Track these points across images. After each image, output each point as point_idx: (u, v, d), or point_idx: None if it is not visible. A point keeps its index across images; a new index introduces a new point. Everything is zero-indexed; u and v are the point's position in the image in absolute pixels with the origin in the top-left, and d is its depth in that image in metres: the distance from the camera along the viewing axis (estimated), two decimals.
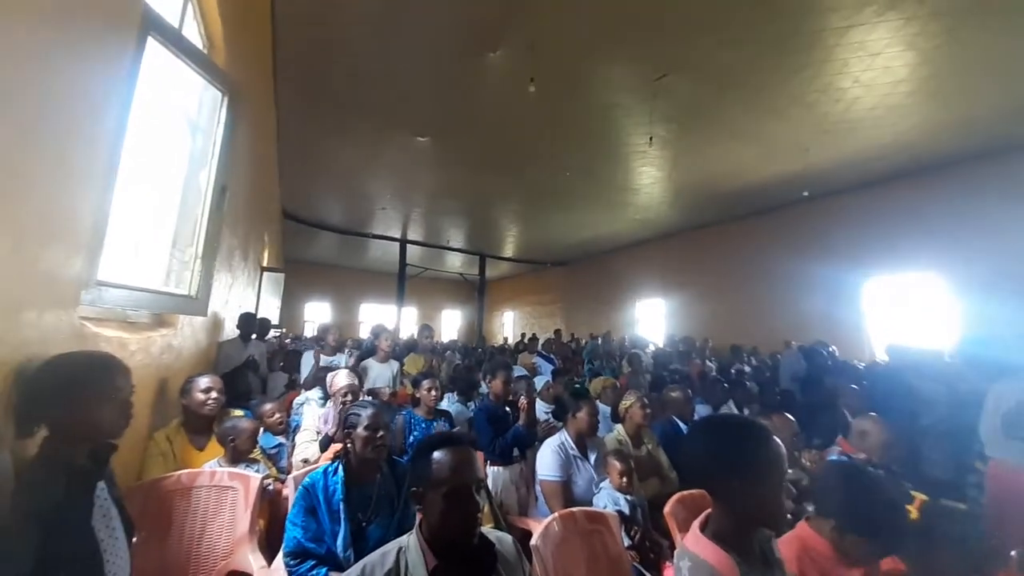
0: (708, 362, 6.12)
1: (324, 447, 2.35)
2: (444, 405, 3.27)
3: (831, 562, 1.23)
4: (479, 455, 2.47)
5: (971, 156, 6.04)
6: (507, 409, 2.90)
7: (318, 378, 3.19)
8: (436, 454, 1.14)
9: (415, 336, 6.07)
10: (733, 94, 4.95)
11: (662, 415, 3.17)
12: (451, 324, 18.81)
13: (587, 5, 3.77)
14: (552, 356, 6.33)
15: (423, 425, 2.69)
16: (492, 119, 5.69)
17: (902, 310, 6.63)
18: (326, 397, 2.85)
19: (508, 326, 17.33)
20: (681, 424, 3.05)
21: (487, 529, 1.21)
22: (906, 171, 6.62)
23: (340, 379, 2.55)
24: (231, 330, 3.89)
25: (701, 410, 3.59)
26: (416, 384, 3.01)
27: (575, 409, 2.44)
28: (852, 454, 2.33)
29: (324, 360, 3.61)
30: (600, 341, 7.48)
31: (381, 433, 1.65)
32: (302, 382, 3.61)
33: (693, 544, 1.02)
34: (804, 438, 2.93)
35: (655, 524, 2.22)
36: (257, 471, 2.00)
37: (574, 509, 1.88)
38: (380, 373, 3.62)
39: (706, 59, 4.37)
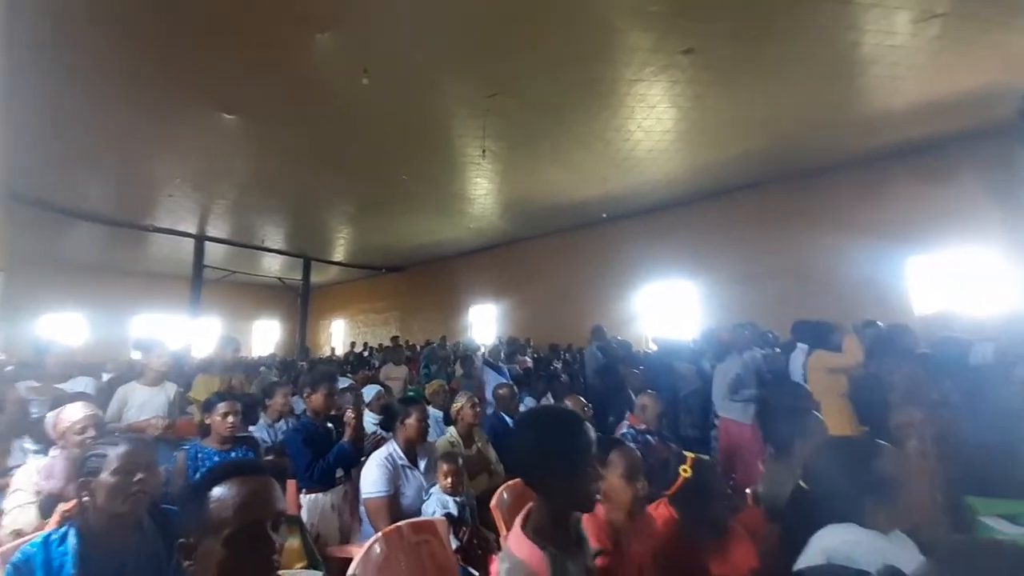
0: (529, 359, 6.70)
1: (48, 511, 1.71)
2: (255, 430, 2.78)
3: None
4: (290, 484, 2.17)
5: (719, 191, 7.97)
6: (330, 426, 2.62)
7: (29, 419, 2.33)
8: (215, 491, 0.91)
9: (218, 351, 5.05)
10: (552, 122, 5.57)
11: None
12: (268, 336, 16.36)
13: (422, 17, 3.76)
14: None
15: (215, 459, 2.21)
16: (321, 108, 5.17)
17: (668, 310, 8.65)
18: (47, 444, 2.10)
19: (337, 336, 15.96)
20: (507, 419, 3.24)
21: (293, 572, 1.03)
22: (673, 202, 8.44)
23: (70, 413, 1.90)
24: None
25: (530, 403, 3.90)
26: (209, 409, 2.47)
27: (404, 416, 2.34)
28: (637, 425, 2.81)
29: (34, 395, 2.67)
30: (436, 346, 7.47)
31: (140, 477, 1.27)
32: None
33: (513, 544, 1.04)
34: (603, 415, 3.43)
35: (485, 518, 2.28)
36: None
37: (400, 523, 1.79)
38: (148, 400, 2.83)
39: (531, 86, 4.81)
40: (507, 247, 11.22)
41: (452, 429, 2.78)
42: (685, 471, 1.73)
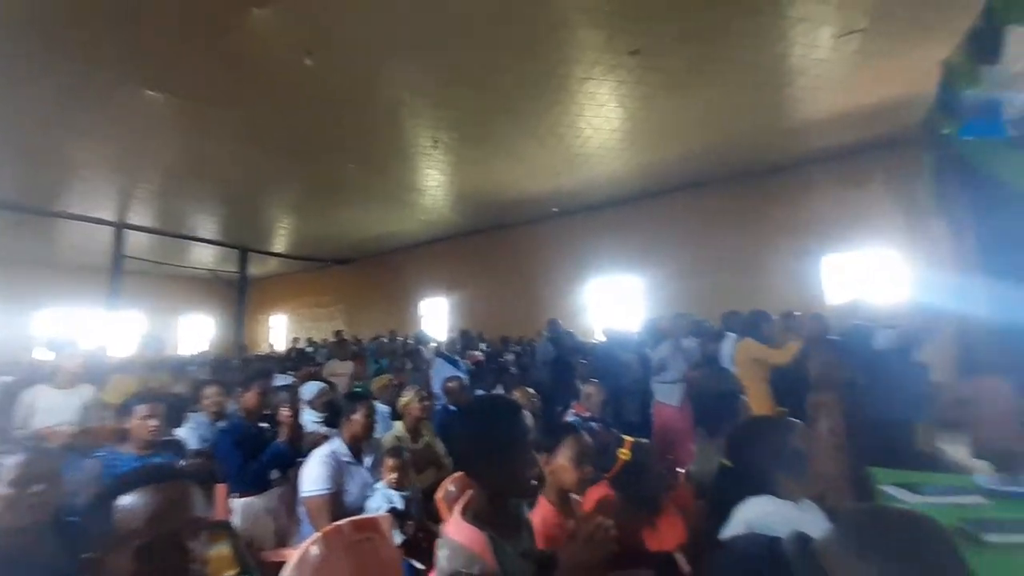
0: (479, 352, 6.72)
1: None
2: (187, 432, 2.58)
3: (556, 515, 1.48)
4: (220, 488, 2.04)
5: (664, 190, 8.32)
6: (265, 425, 2.49)
7: None
8: (124, 499, 0.84)
9: (139, 350, 4.63)
10: (506, 115, 5.55)
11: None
12: (199, 332, 15.23)
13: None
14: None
15: (134, 465, 2.04)
16: (260, 88, 4.83)
17: (616, 303, 9.00)
18: None
19: (278, 332, 15.15)
20: (457, 411, 3.23)
21: None
22: (622, 199, 8.72)
23: None
24: None
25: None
26: (127, 412, 2.26)
27: (350, 412, 2.27)
28: (581, 413, 2.90)
29: None
30: (386, 340, 7.29)
31: (38, 488, 1.15)
32: None
33: (452, 530, 1.05)
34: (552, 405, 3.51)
35: (432, 512, 2.27)
36: None
37: (341, 522, 1.74)
38: (59, 404, 2.56)
39: (484, 78, 4.76)
40: (459, 240, 11.12)
41: (399, 424, 2.74)
42: (624, 454, 1.82)
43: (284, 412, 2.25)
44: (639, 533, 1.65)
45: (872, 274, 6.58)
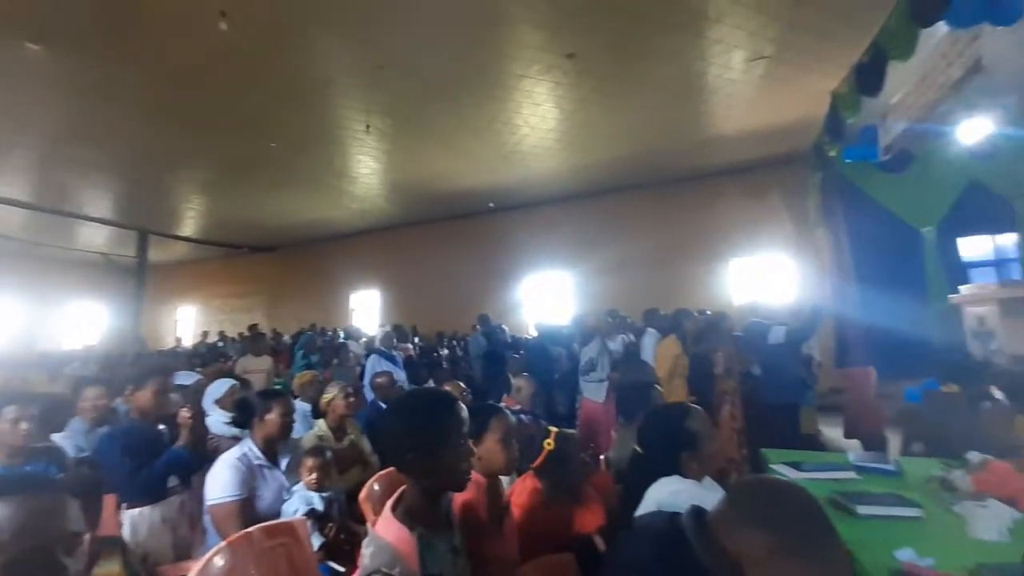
0: (411, 346, 6.60)
1: None
2: (64, 438, 2.25)
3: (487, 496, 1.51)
4: (108, 499, 1.83)
5: (595, 192, 8.69)
6: (163, 428, 2.26)
7: None
8: None
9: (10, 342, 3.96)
10: (443, 106, 5.45)
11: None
12: (91, 323, 13.34)
13: None
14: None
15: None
16: (167, 50, 4.27)
17: (549, 298, 9.27)
18: None
19: (187, 324, 13.73)
20: (388, 406, 3.15)
21: None
22: (556, 198, 8.98)
23: None
24: None
25: None
26: None
27: (263, 411, 2.11)
28: (512, 406, 2.95)
29: None
30: (314, 334, 6.89)
31: None
32: None
33: (381, 527, 1.03)
34: (484, 399, 3.54)
35: (356, 513, 2.19)
36: None
37: (251, 529, 1.62)
38: None
39: (421, 65, 4.63)
40: (394, 231, 10.78)
41: (321, 422, 2.61)
42: (549, 444, 1.89)
43: (183, 413, 2.04)
44: (562, 520, 1.73)
45: (768, 277, 7.56)
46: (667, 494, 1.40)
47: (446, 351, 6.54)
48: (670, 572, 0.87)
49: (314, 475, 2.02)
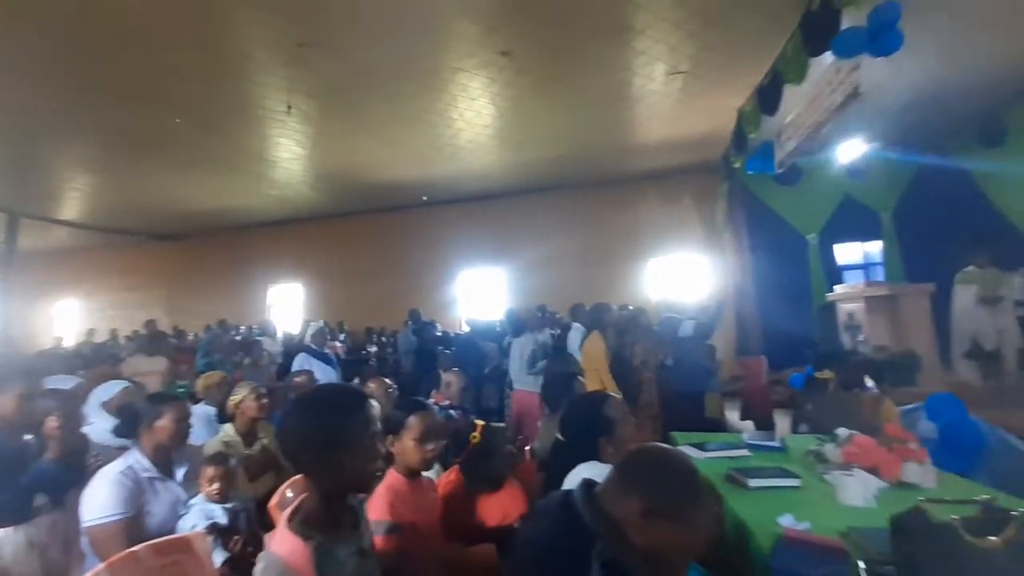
0: (338, 344, 6.31)
1: None
2: None
3: (408, 491, 1.50)
4: None
5: (528, 189, 8.83)
6: (29, 438, 1.95)
7: None
8: None
9: None
10: (372, 91, 5.20)
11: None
12: None
13: None
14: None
15: None
16: (55, 5, 3.63)
17: (481, 294, 9.31)
18: None
19: (69, 320, 11.93)
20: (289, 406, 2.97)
21: None
22: (490, 193, 9.00)
23: None
24: None
25: None
26: None
27: (153, 417, 1.90)
28: (440, 401, 2.94)
29: None
30: (218, 331, 6.30)
31: None
32: None
33: (275, 541, 0.96)
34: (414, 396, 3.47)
35: (269, 522, 2.05)
36: None
37: (136, 548, 1.46)
38: None
39: (349, 47, 4.38)
40: (320, 221, 10.18)
41: (228, 426, 2.40)
42: (474, 437, 1.90)
43: (50, 423, 1.77)
44: (484, 511, 1.75)
45: (681, 275, 8.34)
46: (585, 478, 1.47)
47: (375, 348, 6.31)
48: (561, 541, 0.92)
49: (215, 485, 1.85)
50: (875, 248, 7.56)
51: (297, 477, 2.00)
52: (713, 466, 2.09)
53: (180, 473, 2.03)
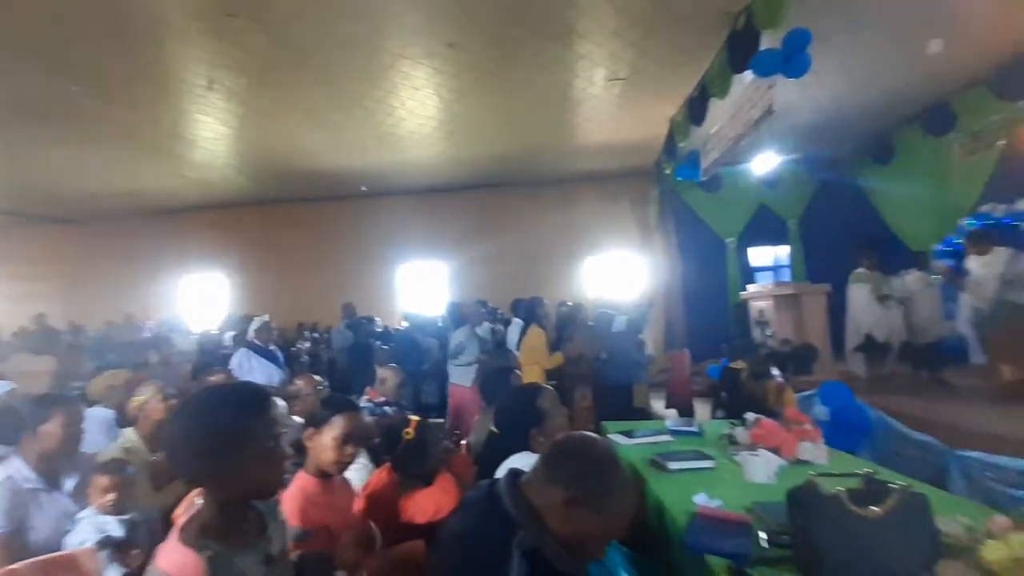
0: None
1: None
2: None
3: (320, 493, 1.44)
4: None
5: (472, 184, 8.78)
6: None
7: None
8: None
9: None
10: (306, 71, 4.88)
11: None
12: None
13: None
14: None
15: None
16: None
17: (422, 288, 9.20)
18: None
19: None
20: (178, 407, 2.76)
21: None
22: (433, 187, 8.86)
23: None
24: None
25: None
26: None
27: (37, 421, 1.68)
28: (375, 398, 2.85)
29: None
30: (120, 327, 5.65)
31: None
32: None
33: (162, 556, 0.85)
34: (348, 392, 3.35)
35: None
36: None
37: (16, 566, 1.29)
38: None
39: (282, 22, 4.07)
40: (246, 208, 9.44)
41: (129, 431, 2.17)
42: (408, 434, 1.86)
43: None
44: (413, 507, 1.72)
45: (616, 273, 8.81)
46: (511, 468, 1.50)
47: (307, 344, 5.98)
48: (483, 531, 0.93)
49: (109, 495, 1.66)
50: (784, 252, 8.44)
51: None
52: (639, 452, 2.22)
53: (71, 484, 1.81)
